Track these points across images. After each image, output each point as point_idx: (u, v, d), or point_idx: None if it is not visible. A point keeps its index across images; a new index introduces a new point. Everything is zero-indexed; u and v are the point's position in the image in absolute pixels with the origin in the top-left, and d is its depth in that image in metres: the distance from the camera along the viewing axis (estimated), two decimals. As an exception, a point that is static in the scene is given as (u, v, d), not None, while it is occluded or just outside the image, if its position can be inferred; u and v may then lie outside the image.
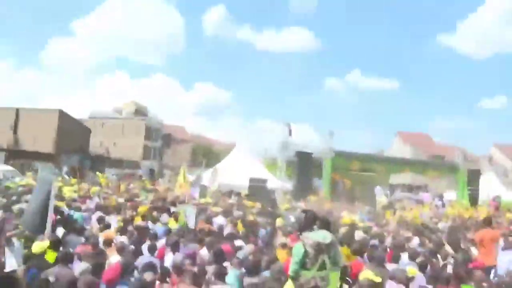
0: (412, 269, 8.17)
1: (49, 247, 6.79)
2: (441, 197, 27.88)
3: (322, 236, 5.38)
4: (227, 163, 29.70)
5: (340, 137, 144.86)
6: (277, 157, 25.53)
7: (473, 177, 30.86)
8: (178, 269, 6.56)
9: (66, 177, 33.19)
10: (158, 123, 71.09)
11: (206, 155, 59.06)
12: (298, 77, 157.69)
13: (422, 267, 8.37)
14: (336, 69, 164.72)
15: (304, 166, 23.97)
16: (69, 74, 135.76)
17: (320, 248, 5.27)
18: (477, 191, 30.58)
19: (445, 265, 9.09)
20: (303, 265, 5.25)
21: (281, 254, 8.20)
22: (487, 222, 10.47)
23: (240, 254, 8.25)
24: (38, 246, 6.86)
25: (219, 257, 7.38)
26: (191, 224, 10.80)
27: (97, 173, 35.35)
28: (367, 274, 6.69)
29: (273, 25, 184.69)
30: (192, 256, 7.39)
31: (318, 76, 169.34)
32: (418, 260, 8.89)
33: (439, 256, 10.03)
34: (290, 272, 5.40)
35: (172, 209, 15.25)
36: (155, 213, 13.91)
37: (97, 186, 26.43)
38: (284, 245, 8.58)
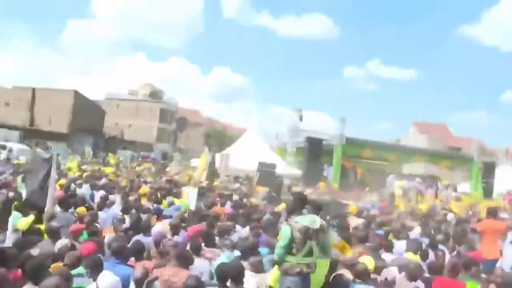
0: (410, 254, 7.94)
1: (34, 222, 6.67)
2: (454, 188, 27.37)
3: (310, 220, 5.11)
4: (238, 147, 29.50)
5: (357, 126, 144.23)
6: (287, 143, 25.06)
7: (488, 169, 30.28)
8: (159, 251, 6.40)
9: (79, 157, 33.58)
10: (173, 106, 71.04)
11: (220, 139, 59.03)
12: (317, 64, 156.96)
13: (423, 256, 8.11)
14: (356, 57, 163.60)
15: (314, 152, 23.51)
16: (87, 56, 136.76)
17: (307, 233, 5.00)
18: (491, 183, 30.03)
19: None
20: (289, 250, 5.01)
21: None
22: (492, 212, 9.98)
23: (235, 237, 8.07)
24: (23, 222, 6.74)
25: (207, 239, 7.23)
26: (192, 206, 10.67)
27: (109, 153, 35.68)
28: (366, 260, 6.45)
29: (293, 10, 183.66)
30: (158, 240, 7.26)
31: (337, 64, 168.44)
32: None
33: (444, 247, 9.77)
34: (275, 256, 5.17)
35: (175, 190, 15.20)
36: (158, 194, 13.85)
37: (109, 166, 26.67)
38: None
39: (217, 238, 7.73)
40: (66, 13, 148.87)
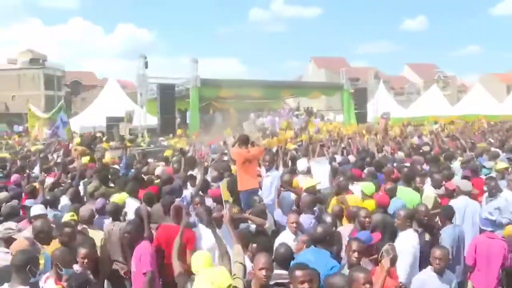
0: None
1: None
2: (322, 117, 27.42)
3: None
4: (98, 102, 27.94)
5: (262, 67, 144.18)
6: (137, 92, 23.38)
7: (360, 96, 30.29)
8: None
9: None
10: (59, 71, 66.40)
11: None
12: (221, 11, 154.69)
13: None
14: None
15: (167, 99, 22.10)
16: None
17: None
18: (364, 109, 30.17)
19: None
20: None
21: None
22: (243, 141, 8.51)
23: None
24: None
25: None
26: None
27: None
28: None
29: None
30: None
31: (241, 7, 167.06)
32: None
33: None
34: None
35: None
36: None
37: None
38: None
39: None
40: None
